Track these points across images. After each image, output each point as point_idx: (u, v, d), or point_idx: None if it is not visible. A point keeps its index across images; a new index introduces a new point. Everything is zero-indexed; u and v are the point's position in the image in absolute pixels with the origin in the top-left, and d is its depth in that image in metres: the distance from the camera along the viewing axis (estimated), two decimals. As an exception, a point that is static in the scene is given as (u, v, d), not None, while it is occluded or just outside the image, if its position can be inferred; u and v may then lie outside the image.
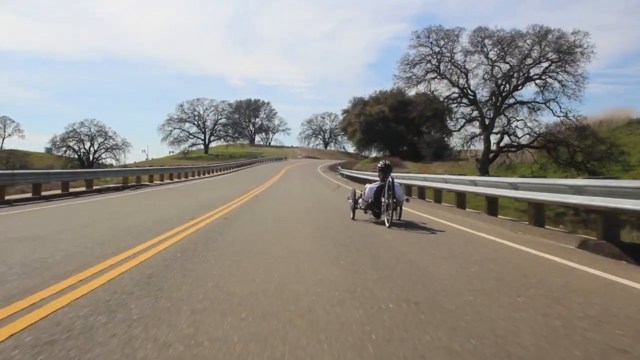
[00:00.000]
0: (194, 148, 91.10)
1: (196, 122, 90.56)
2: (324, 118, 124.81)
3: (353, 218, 9.01)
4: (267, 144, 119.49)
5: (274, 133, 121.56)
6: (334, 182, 27.29)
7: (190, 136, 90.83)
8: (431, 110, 66.58)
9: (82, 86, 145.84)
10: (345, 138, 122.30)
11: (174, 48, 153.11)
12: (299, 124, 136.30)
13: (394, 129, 61.12)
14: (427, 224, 8.61)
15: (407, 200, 9.05)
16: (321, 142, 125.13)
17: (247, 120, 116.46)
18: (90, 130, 68.71)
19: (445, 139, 69.34)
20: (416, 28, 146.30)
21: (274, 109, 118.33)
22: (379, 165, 9.30)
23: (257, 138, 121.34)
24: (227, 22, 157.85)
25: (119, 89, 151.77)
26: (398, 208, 8.59)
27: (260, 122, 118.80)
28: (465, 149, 31.64)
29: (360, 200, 9.14)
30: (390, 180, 8.23)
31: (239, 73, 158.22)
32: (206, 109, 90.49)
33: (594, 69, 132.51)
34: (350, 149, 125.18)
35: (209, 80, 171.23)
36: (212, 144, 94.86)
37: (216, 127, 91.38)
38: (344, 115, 71.01)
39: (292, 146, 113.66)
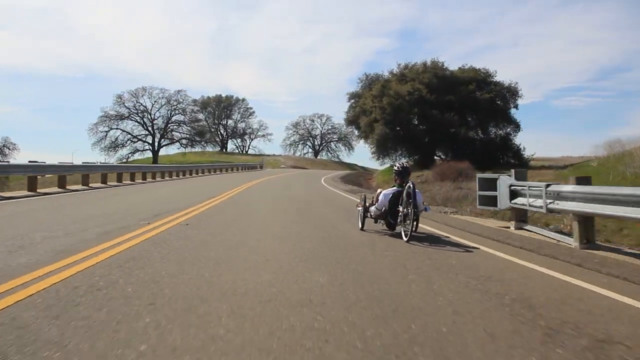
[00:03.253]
0: (138, 156, 66.57)
1: (141, 120, 66.05)
2: (313, 121, 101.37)
3: (362, 228, 7.57)
4: (244, 151, 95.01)
5: (252, 139, 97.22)
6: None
7: (134, 139, 66.30)
8: (489, 91, 43.31)
9: (64, 101, 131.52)
10: (346, 141, 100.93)
11: (155, 62, 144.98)
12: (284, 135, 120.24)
13: (436, 119, 37.71)
14: (451, 237, 7.00)
15: (426, 209, 7.74)
16: (310, 149, 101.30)
17: (216, 122, 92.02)
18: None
19: (512, 135, 46.45)
20: (399, 43, 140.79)
21: (250, 108, 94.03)
22: (396, 167, 7.67)
23: (231, 145, 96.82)
24: (208, 37, 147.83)
25: (99, 103, 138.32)
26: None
27: (233, 125, 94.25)
28: None
29: (372, 208, 7.60)
30: (411, 185, 6.70)
31: (221, 87, 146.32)
32: (155, 101, 66.10)
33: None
34: (348, 157, 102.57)
35: (190, 94, 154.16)
36: (166, 150, 70.60)
37: (169, 126, 66.94)
38: (351, 102, 47.23)
39: (274, 154, 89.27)
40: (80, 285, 3.41)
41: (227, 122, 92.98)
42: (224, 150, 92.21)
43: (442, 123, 37.78)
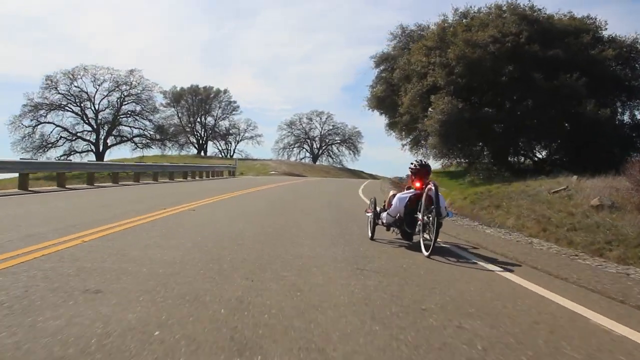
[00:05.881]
0: (76, 158, 48.84)
1: (81, 111, 48.55)
2: (311, 120, 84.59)
3: (372, 238, 6.75)
4: (228, 155, 77.56)
5: (238, 141, 79.78)
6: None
7: (71, 136, 48.86)
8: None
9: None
10: (351, 143, 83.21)
11: (150, 70, 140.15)
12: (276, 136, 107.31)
13: (541, 86, 20.82)
14: (479, 248, 6.44)
15: (449, 215, 6.56)
16: (308, 153, 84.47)
17: (192, 119, 74.58)
18: None
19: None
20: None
21: (234, 101, 76.47)
22: (412, 165, 6.71)
23: (213, 149, 79.35)
24: (204, 45, 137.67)
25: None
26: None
27: (214, 122, 76.79)
28: None
29: (384, 214, 6.66)
30: (433, 187, 5.74)
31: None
32: (100, 84, 48.56)
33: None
34: (352, 163, 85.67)
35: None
36: (116, 152, 53.29)
37: (118, 118, 49.37)
38: (380, 69, 29.47)
39: (260, 159, 71.89)
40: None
41: (205, 119, 75.55)
42: (203, 153, 74.94)
43: (553, 94, 20.82)
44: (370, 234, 6.84)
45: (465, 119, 19.73)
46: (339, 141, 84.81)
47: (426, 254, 5.61)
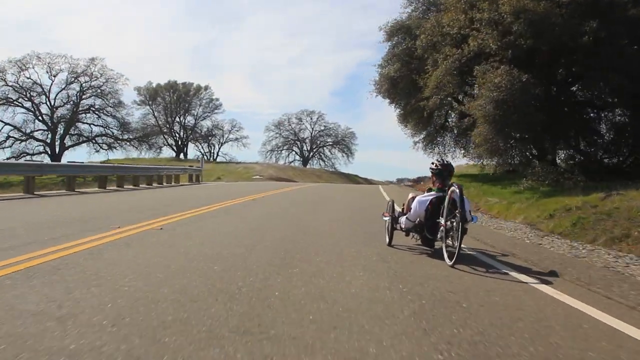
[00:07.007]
0: (24, 160, 41.85)
1: (32, 106, 41.44)
2: (300, 120, 78.26)
3: (389, 244, 6.09)
4: (211, 158, 70.62)
5: (222, 143, 72.91)
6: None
7: (23, 136, 41.73)
8: None
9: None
10: (344, 145, 76.41)
11: (138, 76, 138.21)
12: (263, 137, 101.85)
13: (622, 53, 14.85)
14: (516, 253, 5.71)
15: (474, 220, 5.32)
16: (297, 156, 78.11)
17: (170, 119, 67.57)
18: None
19: None
20: (380, 54, 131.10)
21: (216, 99, 69.64)
22: (434, 165, 5.97)
23: (195, 152, 72.40)
24: (191, 50, 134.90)
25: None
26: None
27: (194, 122, 69.79)
28: None
29: (403, 219, 6.01)
30: (457, 190, 5.01)
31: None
32: (56, 75, 41.52)
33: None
34: (346, 166, 79.36)
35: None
36: (72, 153, 46.28)
37: (77, 114, 42.31)
38: (393, 41, 22.73)
39: (243, 162, 64.95)
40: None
41: (185, 118, 68.56)
42: (183, 156, 67.95)
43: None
44: (387, 240, 6.23)
45: (533, 97, 13.39)
46: (331, 143, 78.61)
47: (450, 263, 5.04)
